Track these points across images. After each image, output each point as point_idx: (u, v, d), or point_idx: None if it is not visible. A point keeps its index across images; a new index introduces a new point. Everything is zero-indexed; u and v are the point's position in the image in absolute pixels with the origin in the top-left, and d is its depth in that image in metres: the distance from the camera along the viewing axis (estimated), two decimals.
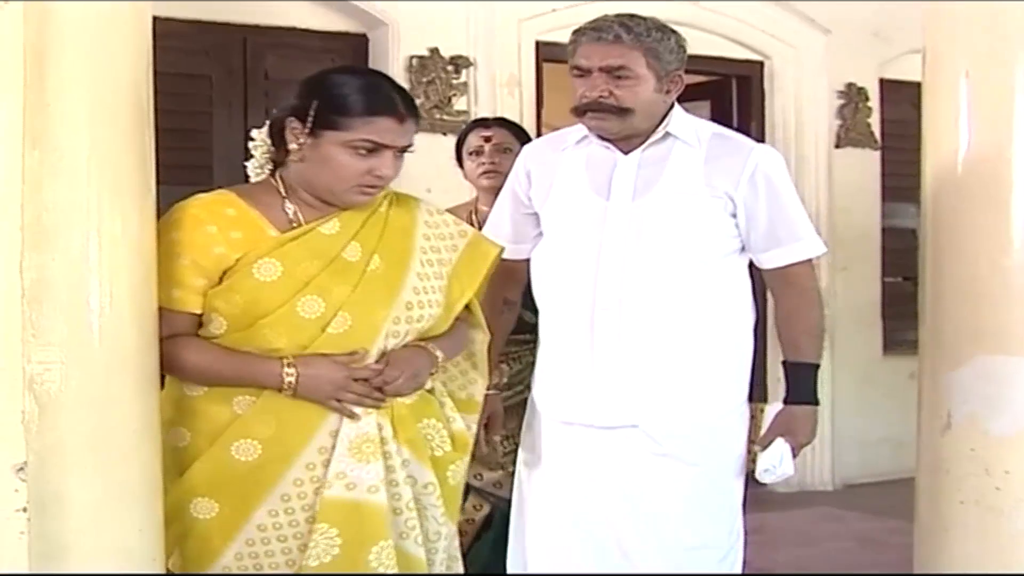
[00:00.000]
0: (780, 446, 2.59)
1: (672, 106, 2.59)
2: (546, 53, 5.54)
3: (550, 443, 2.64)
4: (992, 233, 2.68)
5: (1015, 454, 2.64)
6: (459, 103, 5.25)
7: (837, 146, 6.24)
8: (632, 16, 2.54)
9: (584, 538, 2.57)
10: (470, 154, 3.46)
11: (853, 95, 6.31)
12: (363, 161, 2.13)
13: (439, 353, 2.26)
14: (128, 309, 1.85)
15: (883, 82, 6.41)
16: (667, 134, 2.56)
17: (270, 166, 2.26)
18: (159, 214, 2.04)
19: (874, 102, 6.38)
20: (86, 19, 1.79)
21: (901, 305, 6.48)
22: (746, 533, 2.72)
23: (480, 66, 5.30)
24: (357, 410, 2.14)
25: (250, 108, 4.96)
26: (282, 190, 2.21)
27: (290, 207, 2.19)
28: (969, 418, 2.70)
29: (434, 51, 5.21)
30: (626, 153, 2.57)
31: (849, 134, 6.29)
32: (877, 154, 6.40)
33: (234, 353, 2.13)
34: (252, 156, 2.28)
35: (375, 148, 2.13)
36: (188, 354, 2.12)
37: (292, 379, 2.09)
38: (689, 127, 2.59)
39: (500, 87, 5.34)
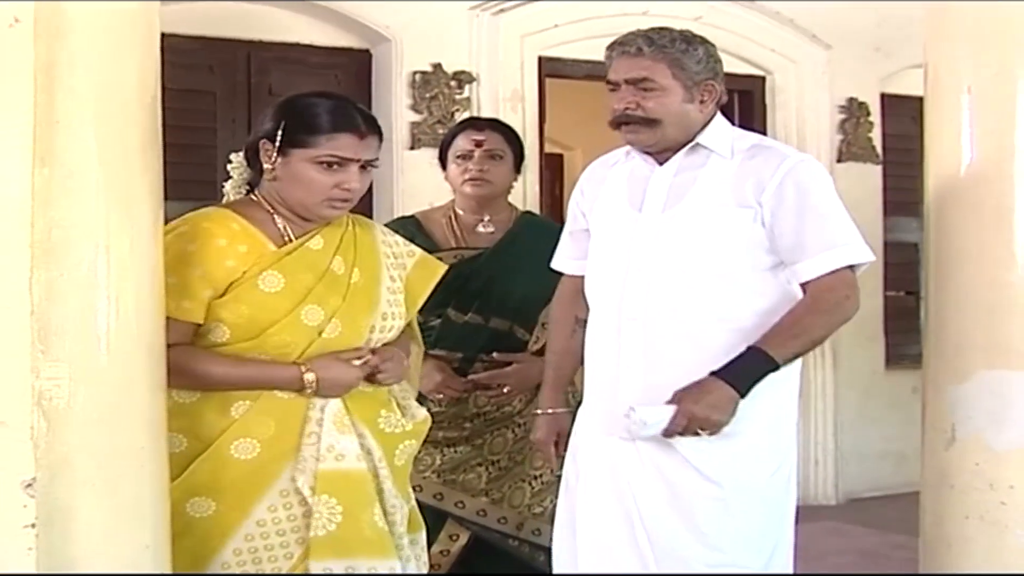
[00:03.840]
0: (667, 409, 2.36)
1: (713, 117, 2.57)
2: (548, 68, 5.58)
3: (587, 456, 2.60)
4: (995, 248, 2.68)
5: (1019, 469, 2.64)
6: (462, 118, 5.24)
7: (839, 160, 6.24)
8: (660, 29, 2.54)
9: (602, 550, 2.53)
10: (458, 158, 3.19)
11: (854, 110, 6.32)
12: (331, 176, 2.29)
13: (414, 349, 2.54)
14: (136, 326, 1.85)
15: (884, 97, 6.43)
16: (698, 145, 2.54)
17: (247, 187, 2.43)
18: None
19: (875, 116, 6.39)
20: (96, 36, 1.79)
21: (903, 319, 6.50)
22: None
23: (483, 81, 5.32)
24: None
25: (254, 124, 4.95)
26: (267, 207, 2.34)
27: (280, 222, 2.33)
28: (973, 433, 2.69)
29: (437, 67, 5.23)
30: (661, 164, 2.56)
31: (850, 148, 6.30)
32: (878, 168, 6.41)
33: (248, 360, 2.25)
34: (231, 177, 2.45)
35: (340, 163, 2.28)
36: (198, 363, 2.21)
37: (313, 380, 2.24)
38: (725, 138, 2.55)
39: (503, 102, 5.34)
